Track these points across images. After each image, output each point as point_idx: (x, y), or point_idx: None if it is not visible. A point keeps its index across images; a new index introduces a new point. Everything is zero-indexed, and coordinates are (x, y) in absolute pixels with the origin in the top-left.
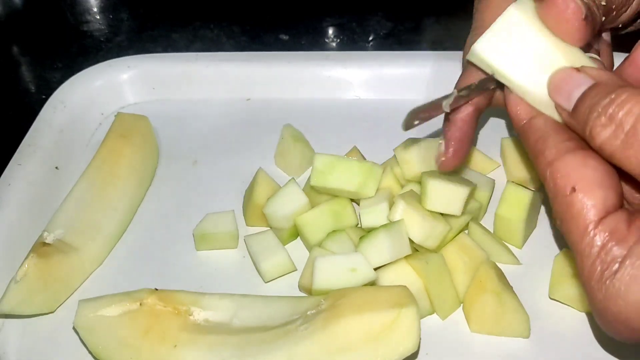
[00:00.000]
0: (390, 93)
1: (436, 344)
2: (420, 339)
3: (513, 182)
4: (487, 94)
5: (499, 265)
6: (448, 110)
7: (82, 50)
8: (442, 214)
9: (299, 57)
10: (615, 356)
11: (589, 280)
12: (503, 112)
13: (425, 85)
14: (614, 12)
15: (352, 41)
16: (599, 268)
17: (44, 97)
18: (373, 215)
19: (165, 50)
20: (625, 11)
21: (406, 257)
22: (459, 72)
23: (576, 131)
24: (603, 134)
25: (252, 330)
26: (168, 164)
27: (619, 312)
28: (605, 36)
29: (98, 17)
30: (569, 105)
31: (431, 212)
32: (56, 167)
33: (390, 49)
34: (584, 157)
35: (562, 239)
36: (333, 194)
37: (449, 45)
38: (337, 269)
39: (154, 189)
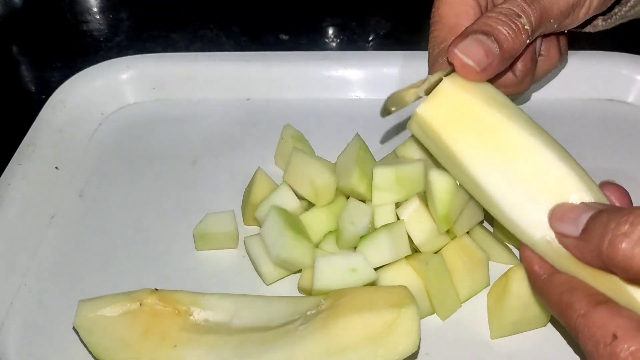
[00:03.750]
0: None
1: (436, 344)
2: (420, 339)
3: None
4: None
5: (499, 265)
6: (423, 95)
7: (82, 50)
8: None
9: (299, 57)
10: None
11: None
12: None
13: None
14: (555, 24)
15: (352, 41)
16: None
17: (44, 97)
18: (387, 215)
19: (165, 50)
20: (575, 15)
21: (406, 257)
22: None
23: (585, 254)
24: (626, 243)
25: (252, 330)
26: (168, 164)
27: None
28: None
29: (98, 17)
30: (577, 230)
31: None
32: (56, 167)
33: (390, 49)
34: (616, 308)
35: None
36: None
37: None
38: (337, 269)
39: (154, 189)
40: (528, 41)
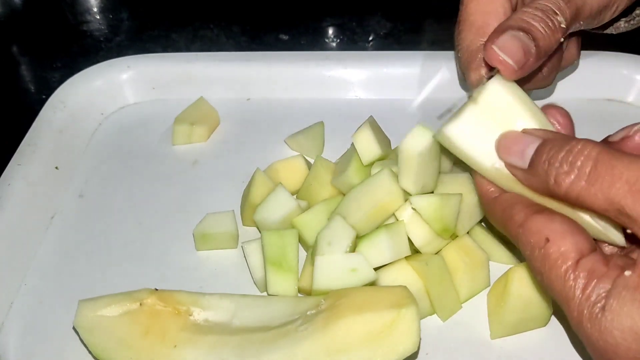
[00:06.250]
0: (390, 93)
1: (436, 344)
2: (420, 339)
3: None
4: None
5: (499, 265)
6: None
7: (82, 50)
8: None
9: (299, 57)
10: None
11: (580, 322)
12: None
13: (424, 85)
14: (583, 24)
15: (352, 41)
16: (586, 307)
17: (44, 97)
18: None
19: (165, 50)
20: (602, 17)
21: (406, 257)
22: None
23: (534, 185)
24: (567, 180)
25: (252, 330)
26: (168, 164)
27: (617, 344)
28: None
29: (98, 17)
30: (524, 163)
31: None
32: (56, 167)
33: (390, 49)
34: (550, 215)
35: None
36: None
37: (448, 45)
38: (337, 269)
39: (154, 189)
40: (562, 39)
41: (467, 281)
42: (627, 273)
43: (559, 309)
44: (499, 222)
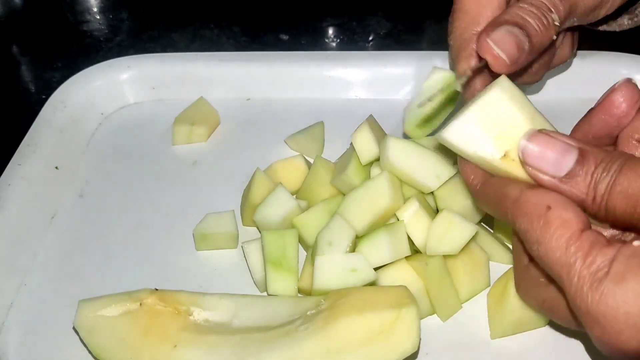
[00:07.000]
0: (390, 93)
1: (436, 344)
2: (420, 339)
3: None
4: None
5: (499, 265)
6: (460, 90)
7: (82, 50)
8: None
9: (299, 57)
10: None
11: (580, 289)
12: None
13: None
14: (577, 21)
15: (352, 41)
16: (588, 274)
17: (44, 97)
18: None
19: (165, 50)
20: (596, 14)
21: (406, 257)
22: None
23: (568, 194)
24: (623, 197)
25: (252, 330)
26: (168, 164)
27: (617, 307)
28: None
29: (98, 17)
30: (559, 171)
31: None
32: (56, 167)
33: (390, 49)
34: (546, 189)
35: None
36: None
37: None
38: (337, 269)
39: (154, 189)
40: (554, 37)
41: (467, 281)
42: (637, 243)
43: None
44: (492, 203)
